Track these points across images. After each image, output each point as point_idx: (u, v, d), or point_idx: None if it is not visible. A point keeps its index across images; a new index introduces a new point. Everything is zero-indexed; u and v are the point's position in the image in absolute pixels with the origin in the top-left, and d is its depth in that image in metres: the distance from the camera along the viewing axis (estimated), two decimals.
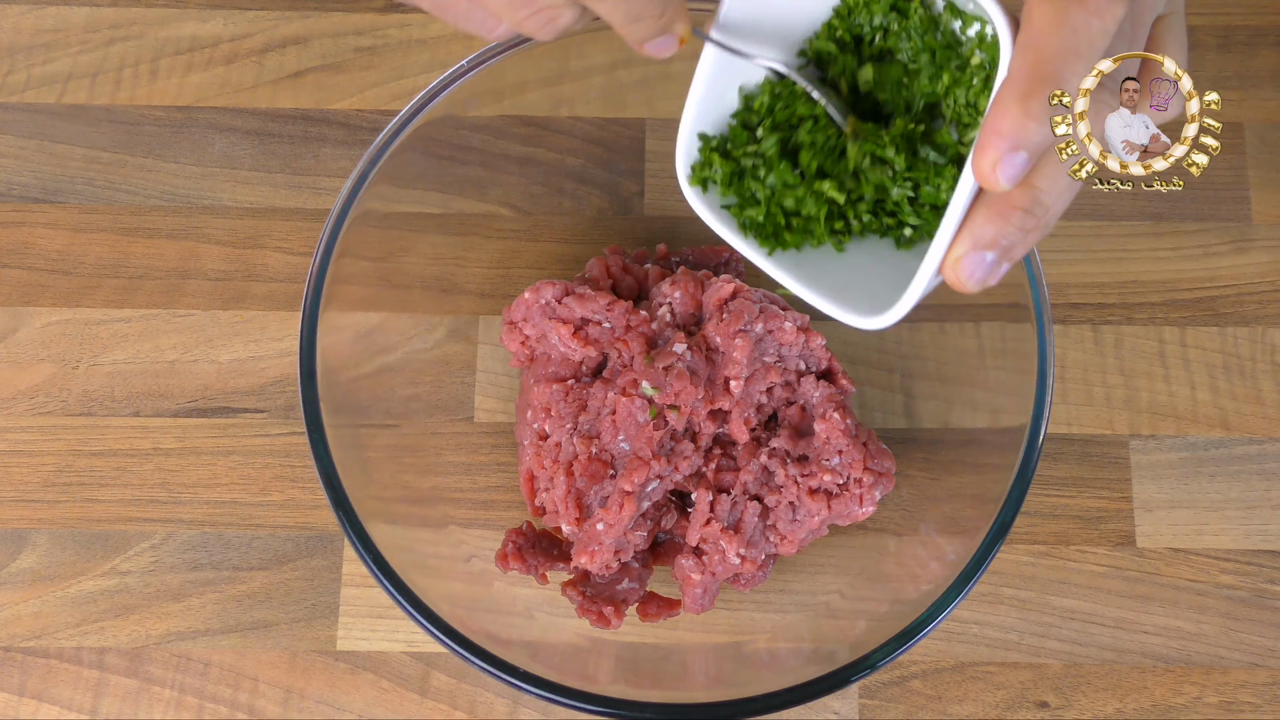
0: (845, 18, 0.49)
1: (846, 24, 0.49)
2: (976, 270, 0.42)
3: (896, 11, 0.48)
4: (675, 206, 0.69)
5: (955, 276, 0.43)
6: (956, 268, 0.42)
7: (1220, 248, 0.70)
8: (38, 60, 0.73)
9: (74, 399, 0.67)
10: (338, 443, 0.56)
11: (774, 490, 0.58)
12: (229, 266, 0.69)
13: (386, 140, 0.59)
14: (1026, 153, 0.39)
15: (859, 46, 0.49)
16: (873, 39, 0.49)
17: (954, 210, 0.42)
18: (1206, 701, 0.63)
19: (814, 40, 0.50)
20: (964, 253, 0.42)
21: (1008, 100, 0.39)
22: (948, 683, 0.63)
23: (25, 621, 0.64)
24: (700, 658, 0.62)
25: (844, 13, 0.49)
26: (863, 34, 0.49)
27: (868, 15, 0.48)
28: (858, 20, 0.49)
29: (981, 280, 0.43)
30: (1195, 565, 0.65)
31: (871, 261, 0.49)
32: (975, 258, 0.42)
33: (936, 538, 0.60)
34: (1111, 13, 0.38)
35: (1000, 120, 0.39)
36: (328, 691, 0.63)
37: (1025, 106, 0.38)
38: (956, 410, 0.64)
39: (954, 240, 0.42)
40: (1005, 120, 0.39)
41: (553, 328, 0.59)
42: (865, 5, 0.48)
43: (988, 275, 0.42)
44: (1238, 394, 0.67)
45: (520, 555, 0.60)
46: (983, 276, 0.42)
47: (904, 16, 0.47)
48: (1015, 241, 0.42)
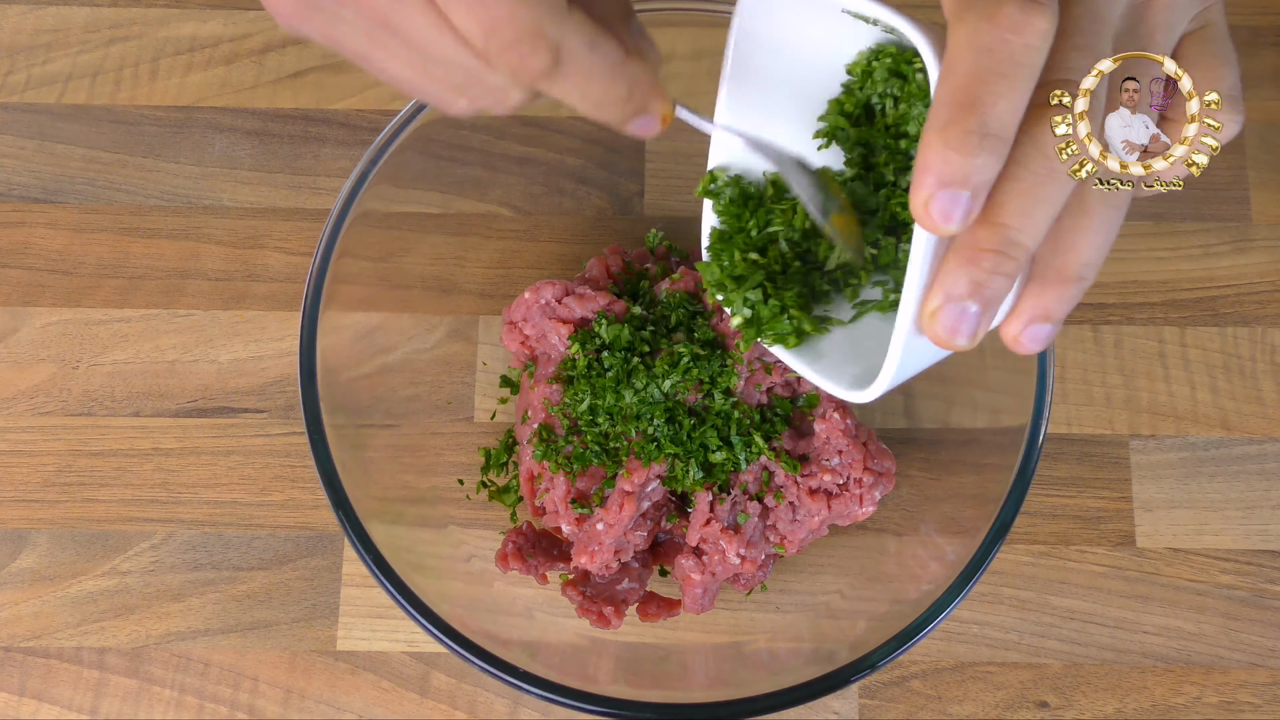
0: (854, 92, 0.47)
1: (855, 98, 0.47)
2: (959, 324, 0.39)
3: (897, 77, 0.46)
4: (675, 206, 0.69)
5: (934, 331, 0.39)
6: (933, 323, 0.39)
7: (1220, 248, 0.70)
8: (38, 60, 0.73)
9: (74, 399, 0.67)
10: (338, 443, 0.56)
11: (774, 490, 0.59)
12: (229, 266, 0.69)
13: (386, 140, 0.59)
14: (958, 187, 0.36)
15: (871, 118, 0.47)
16: (883, 108, 0.47)
17: (915, 263, 0.39)
18: (1206, 701, 0.63)
19: (825, 116, 0.48)
20: (937, 305, 0.39)
21: (928, 133, 0.37)
22: (948, 683, 0.63)
23: (25, 621, 0.64)
24: (700, 658, 0.62)
25: (854, 87, 0.47)
26: (872, 104, 0.47)
27: (872, 85, 0.46)
28: (865, 90, 0.47)
29: (970, 334, 0.39)
30: (1195, 565, 0.65)
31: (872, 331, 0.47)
32: (953, 310, 0.39)
33: (936, 538, 0.60)
34: (1031, 26, 0.36)
35: (923, 155, 0.37)
36: (328, 691, 0.63)
37: (944, 137, 0.36)
38: (956, 410, 0.64)
39: (926, 295, 0.40)
40: (926, 154, 0.36)
41: (553, 328, 0.59)
42: (868, 74, 0.46)
43: (975, 328, 0.39)
44: (1238, 394, 0.67)
45: (520, 555, 0.60)
46: (970, 330, 0.39)
47: (905, 81, 0.45)
48: (993, 288, 0.39)
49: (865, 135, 0.47)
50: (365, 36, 0.39)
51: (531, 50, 0.38)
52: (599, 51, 0.39)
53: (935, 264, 0.39)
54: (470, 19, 0.37)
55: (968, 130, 0.36)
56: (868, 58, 0.46)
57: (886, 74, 0.46)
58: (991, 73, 0.36)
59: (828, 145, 0.48)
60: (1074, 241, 0.40)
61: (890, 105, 0.46)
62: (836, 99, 0.48)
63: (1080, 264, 0.40)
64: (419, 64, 0.40)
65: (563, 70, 0.39)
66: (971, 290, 0.39)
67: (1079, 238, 0.40)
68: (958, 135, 0.36)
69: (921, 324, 0.40)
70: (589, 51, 0.39)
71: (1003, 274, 0.38)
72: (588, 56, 0.39)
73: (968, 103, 0.36)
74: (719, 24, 0.61)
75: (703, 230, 0.51)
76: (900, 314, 0.40)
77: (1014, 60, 0.36)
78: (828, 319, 0.48)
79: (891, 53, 0.46)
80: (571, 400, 0.58)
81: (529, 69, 0.38)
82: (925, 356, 0.43)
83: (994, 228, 0.38)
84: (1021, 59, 0.36)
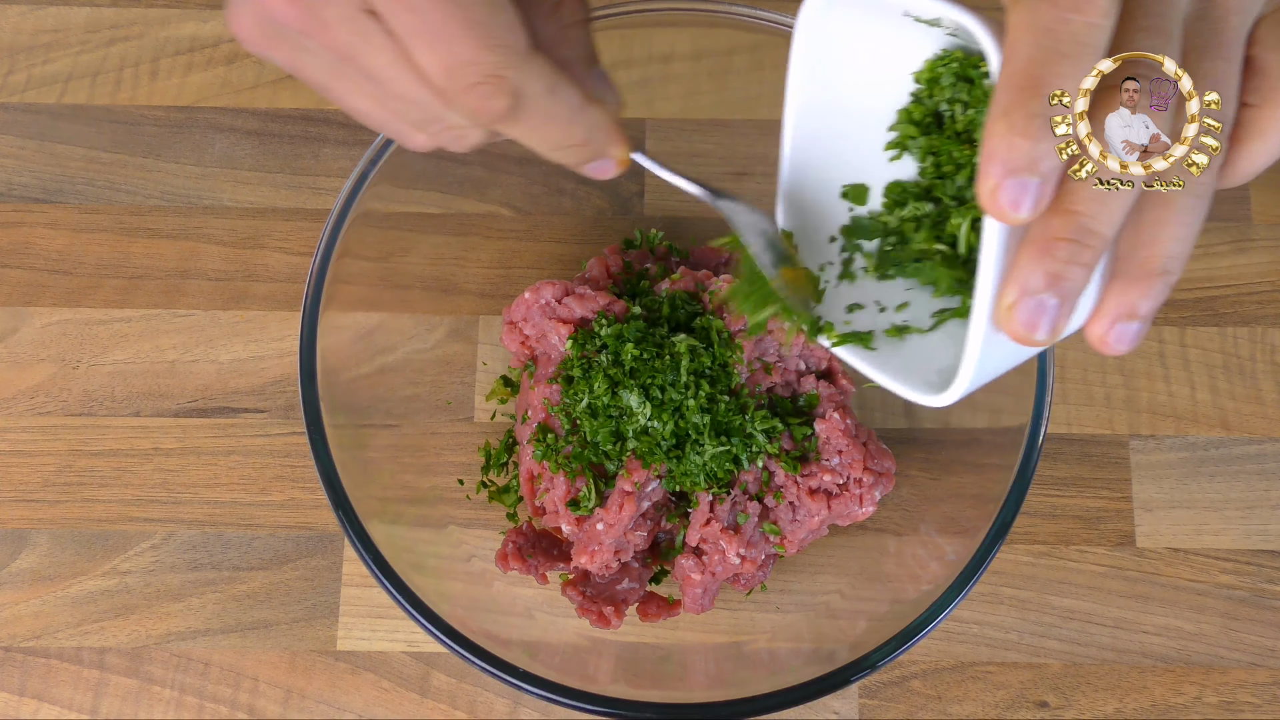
0: (922, 100, 0.46)
1: (923, 106, 0.46)
2: (1037, 318, 0.37)
3: (964, 81, 0.44)
4: (675, 206, 0.69)
5: (1013, 327, 0.38)
6: (1010, 317, 0.38)
7: (1220, 248, 0.70)
8: (38, 60, 0.73)
9: (74, 399, 0.67)
10: (338, 443, 0.56)
11: (774, 490, 0.59)
12: (229, 266, 0.69)
13: (386, 140, 0.59)
14: (1026, 174, 0.35)
15: (940, 126, 0.46)
16: (952, 115, 0.45)
17: (987, 257, 0.38)
18: (1206, 701, 0.63)
19: (895, 126, 0.47)
20: (1014, 300, 0.37)
21: (991, 120, 0.36)
22: (948, 683, 0.63)
23: (25, 621, 0.64)
24: (700, 658, 0.62)
25: (922, 95, 0.46)
26: (941, 111, 0.46)
27: (940, 91, 0.45)
28: (934, 98, 0.46)
29: (1050, 329, 0.38)
30: (1195, 565, 0.65)
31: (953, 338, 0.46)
32: (1030, 304, 0.37)
33: (936, 538, 0.60)
34: (1092, 4, 0.35)
35: (988, 142, 0.36)
36: (328, 691, 0.63)
37: (1009, 123, 0.35)
38: (956, 410, 0.64)
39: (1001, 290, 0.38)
40: (991, 141, 0.35)
41: (553, 328, 0.59)
42: (934, 81, 0.45)
43: (1055, 322, 0.38)
44: (1238, 394, 0.67)
45: (520, 555, 0.60)
46: (1050, 325, 0.37)
47: (972, 85, 0.44)
48: (1071, 279, 0.37)
49: (936, 144, 0.46)
50: (327, 68, 0.40)
51: (492, 93, 0.38)
52: (557, 97, 0.40)
53: (1008, 258, 0.38)
54: (432, 58, 0.37)
55: (1032, 114, 0.35)
56: (934, 65, 0.45)
57: (953, 79, 0.45)
58: (1054, 53, 0.35)
59: (899, 157, 0.48)
60: (1156, 234, 0.39)
61: (960, 111, 0.45)
62: (905, 108, 0.47)
63: (1164, 256, 0.39)
64: (379, 98, 0.40)
65: (521, 114, 0.39)
66: (1048, 282, 0.37)
67: (1161, 230, 0.39)
68: (1022, 119, 0.35)
69: (998, 320, 0.38)
70: (548, 96, 0.39)
71: (1080, 264, 0.37)
72: (546, 101, 0.39)
73: (1030, 85, 0.35)
74: (719, 24, 0.61)
75: None
76: (975, 310, 0.39)
77: (1076, 40, 0.35)
78: (907, 327, 0.47)
79: (958, 57, 0.45)
80: (571, 400, 0.58)
81: (488, 111, 0.39)
82: (1006, 356, 0.42)
83: (1067, 215, 0.37)
84: (1084, 38, 0.35)
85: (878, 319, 0.48)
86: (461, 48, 0.37)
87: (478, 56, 0.37)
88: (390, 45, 0.38)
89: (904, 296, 0.48)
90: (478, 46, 0.37)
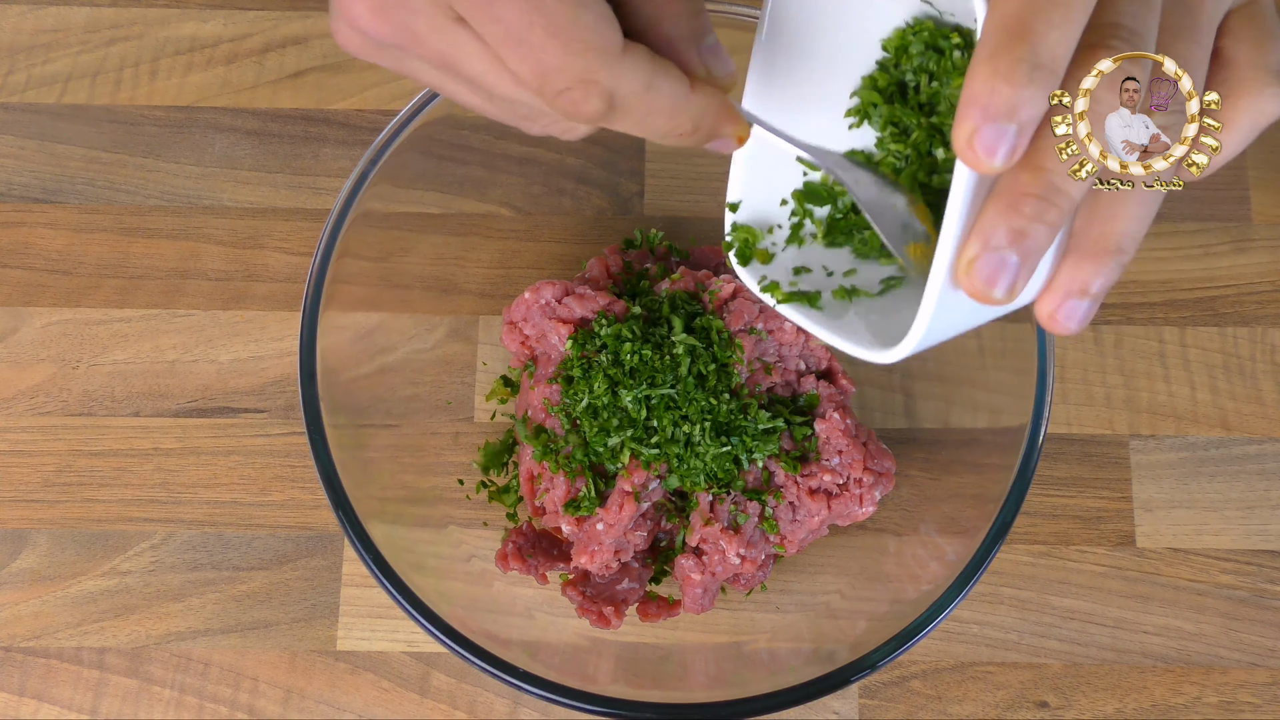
0: (888, 69, 0.46)
1: (889, 75, 0.46)
2: (997, 274, 0.37)
3: (934, 51, 0.44)
4: (675, 206, 0.69)
5: (972, 283, 0.37)
6: (970, 272, 0.37)
7: (1220, 248, 0.70)
8: (38, 60, 0.73)
9: (74, 399, 0.67)
10: (338, 443, 0.56)
11: (774, 490, 0.59)
12: (229, 266, 0.69)
13: (386, 140, 0.59)
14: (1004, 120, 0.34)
15: (905, 96, 0.46)
16: (917, 85, 0.45)
17: (953, 209, 0.37)
18: (1206, 701, 0.63)
19: (858, 92, 0.47)
20: (975, 254, 0.37)
21: (976, 62, 0.35)
22: (948, 683, 0.63)
23: (25, 621, 0.64)
24: (700, 658, 0.62)
25: (888, 64, 0.46)
26: (906, 81, 0.46)
27: (907, 60, 0.45)
28: (901, 67, 0.45)
29: (1008, 287, 0.37)
30: (1195, 565, 0.65)
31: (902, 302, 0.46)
32: (992, 260, 0.37)
33: (936, 538, 0.60)
34: None
35: (970, 86, 0.35)
36: (328, 691, 0.63)
37: (994, 65, 0.34)
38: (956, 410, 0.64)
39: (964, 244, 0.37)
40: (973, 84, 0.34)
41: (553, 328, 0.59)
42: (903, 50, 0.45)
43: (1014, 281, 0.37)
44: (1238, 394, 0.67)
45: (520, 555, 0.60)
46: (1008, 283, 0.37)
47: (941, 55, 0.44)
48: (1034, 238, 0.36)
49: (897, 113, 0.46)
50: (434, 72, 0.40)
51: (583, 98, 0.37)
52: (657, 91, 0.38)
53: (974, 211, 0.37)
54: (522, 66, 0.37)
55: (1018, 59, 0.34)
56: (903, 33, 0.45)
57: (923, 47, 0.44)
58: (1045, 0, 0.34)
59: (859, 124, 0.48)
60: (1114, 212, 0.38)
61: (925, 82, 0.45)
62: (870, 75, 0.47)
63: (1119, 234, 0.38)
64: (489, 99, 0.40)
65: (618, 113, 0.38)
66: (1011, 238, 0.36)
67: (1119, 208, 0.38)
68: (1007, 64, 0.34)
69: (957, 275, 0.38)
70: (645, 93, 0.38)
71: (1045, 223, 0.37)
72: (644, 98, 0.38)
73: (1019, 30, 0.34)
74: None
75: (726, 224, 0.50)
76: (935, 264, 0.38)
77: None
78: (855, 290, 0.47)
79: (928, 27, 0.45)
80: (571, 400, 0.58)
81: (583, 113, 0.38)
82: (960, 317, 0.41)
83: (1037, 172, 0.36)
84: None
85: (825, 282, 0.48)
86: (546, 55, 0.36)
87: (564, 63, 0.36)
88: (484, 52, 0.37)
89: (852, 263, 0.48)
90: (563, 52, 0.36)
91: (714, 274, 0.62)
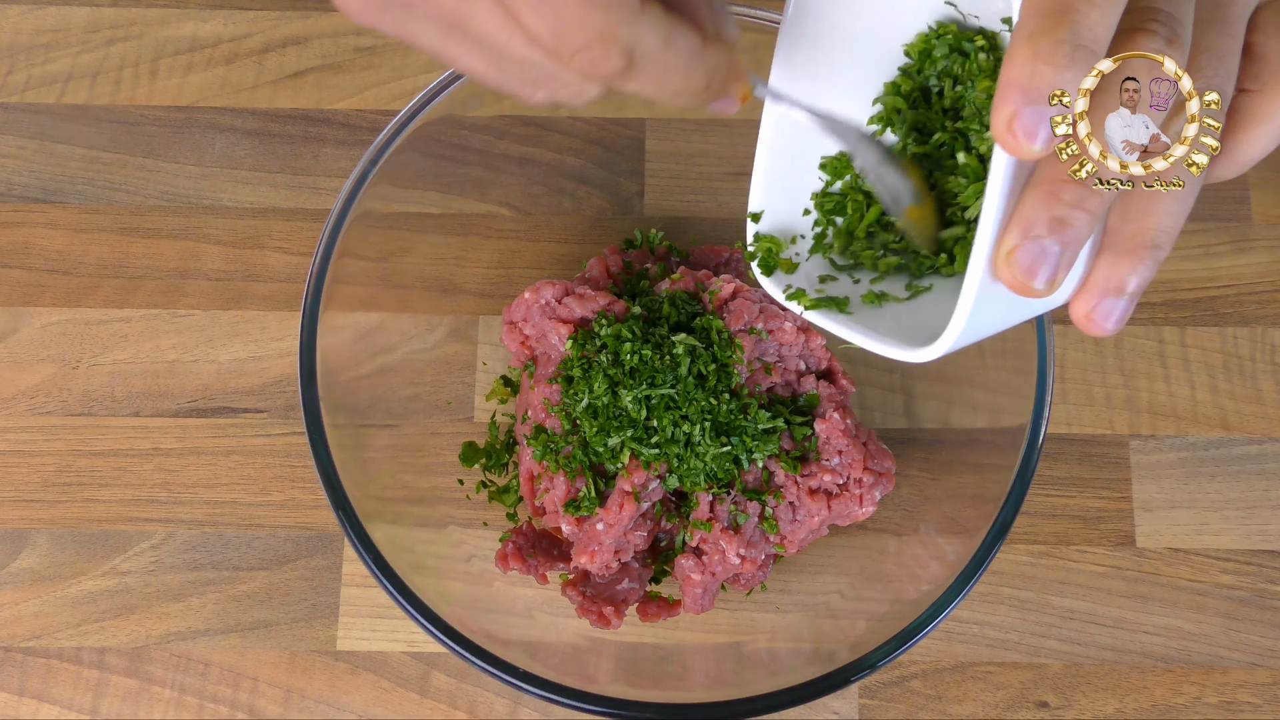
0: (911, 74, 0.46)
1: (912, 81, 0.46)
2: (1038, 264, 0.36)
3: (958, 54, 0.44)
4: (675, 206, 0.69)
5: (1011, 273, 0.36)
6: (1010, 263, 0.36)
7: (1220, 248, 0.70)
8: (38, 60, 0.73)
9: (74, 399, 0.67)
10: (338, 443, 0.56)
11: (774, 490, 0.59)
12: (229, 266, 0.69)
13: (386, 140, 0.59)
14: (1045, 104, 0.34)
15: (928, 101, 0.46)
16: (941, 90, 0.45)
17: (991, 198, 0.36)
18: (1206, 701, 0.63)
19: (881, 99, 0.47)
20: (1016, 244, 0.36)
21: (1015, 44, 0.34)
22: (948, 683, 0.63)
23: (25, 621, 0.64)
24: (700, 658, 0.62)
25: (911, 70, 0.46)
26: (929, 86, 0.45)
27: (931, 64, 0.44)
28: (924, 72, 0.45)
29: (1049, 278, 0.36)
30: (1195, 565, 0.65)
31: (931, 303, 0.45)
32: (1032, 248, 0.36)
33: (936, 538, 0.60)
34: None
35: (1009, 69, 0.34)
36: (328, 691, 0.63)
37: (1034, 47, 0.34)
38: (956, 410, 0.64)
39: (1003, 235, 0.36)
40: (1013, 67, 0.34)
41: (553, 328, 0.59)
42: (926, 54, 0.44)
43: (1055, 271, 0.36)
44: (1238, 394, 0.67)
45: (520, 555, 0.60)
46: (1049, 273, 0.36)
47: (966, 58, 0.43)
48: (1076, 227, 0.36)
49: (922, 118, 0.46)
50: (437, 34, 0.39)
51: (603, 53, 0.37)
52: (674, 47, 0.38)
53: (1012, 201, 0.37)
54: (540, 22, 0.36)
55: (1059, 40, 0.34)
56: (927, 38, 0.45)
57: (947, 50, 0.44)
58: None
59: (881, 132, 0.47)
60: (1149, 206, 0.38)
61: (949, 86, 0.45)
62: (893, 81, 0.46)
63: (1156, 230, 0.38)
64: (492, 60, 0.39)
65: (636, 70, 0.38)
66: (1052, 226, 0.36)
67: (1154, 202, 0.38)
68: (1048, 45, 0.34)
69: (996, 266, 0.37)
70: (664, 49, 0.38)
71: (1086, 211, 0.36)
72: (662, 54, 0.38)
73: (1059, 10, 0.34)
74: None
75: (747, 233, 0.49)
76: (973, 256, 0.37)
77: None
78: (885, 295, 0.47)
79: (952, 30, 0.44)
80: (571, 400, 0.58)
81: (601, 72, 0.37)
82: (997, 313, 0.40)
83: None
84: None
85: (853, 289, 0.48)
86: (568, 10, 0.35)
87: (585, 17, 0.36)
88: (497, 9, 0.37)
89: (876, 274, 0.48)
90: (584, 6, 0.35)
91: (714, 274, 0.62)
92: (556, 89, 0.40)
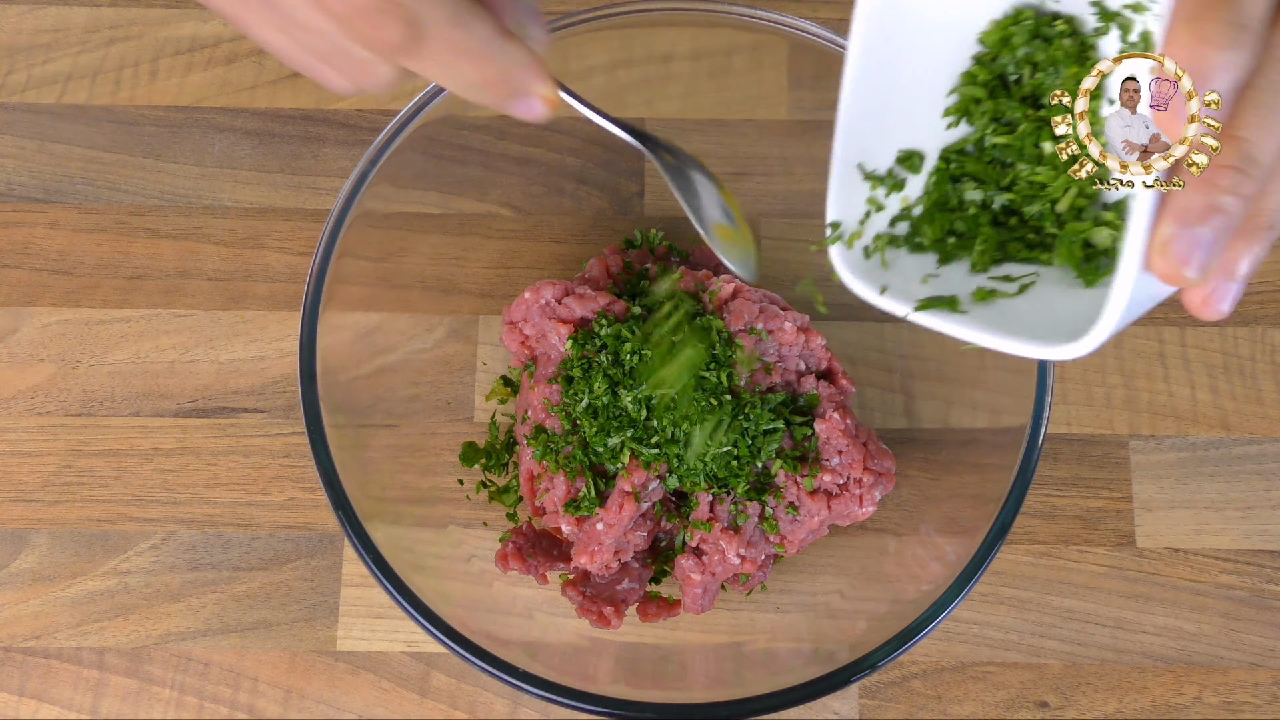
0: (986, 63, 0.45)
1: (988, 69, 0.45)
2: (1192, 252, 0.35)
3: (1040, 39, 0.43)
4: (675, 206, 0.69)
5: (1166, 264, 0.35)
6: (1165, 253, 0.35)
7: None
8: (38, 60, 0.73)
9: (74, 399, 0.67)
10: (338, 443, 0.56)
11: (773, 490, 0.59)
12: (229, 266, 0.69)
13: (386, 140, 0.59)
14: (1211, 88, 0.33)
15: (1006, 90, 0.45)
16: (1019, 78, 0.44)
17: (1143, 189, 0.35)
18: (1206, 701, 0.63)
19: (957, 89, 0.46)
20: (1172, 234, 0.35)
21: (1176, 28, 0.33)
22: (948, 683, 0.63)
23: (25, 621, 0.64)
24: (700, 658, 0.62)
25: (985, 58, 0.45)
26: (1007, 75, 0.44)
27: (1009, 51, 0.43)
28: (1001, 60, 0.44)
29: (1203, 264, 0.35)
30: (1195, 565, 0.65)
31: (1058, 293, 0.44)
32: (1188, 237, 0.34)
33: (936, 538, 0.60)
34: None
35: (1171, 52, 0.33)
36: (328, 691, 0.63)
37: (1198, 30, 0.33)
38: (956, 410, 0.64)
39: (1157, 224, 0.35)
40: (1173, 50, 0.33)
41: (553, 328, 0.59)
42: (1004, 42, 0.43)
43: (1208, 258, 0.35)
44: (1238, 394, 0.67)
45: (520, 555, 0.60)
46: (1203, 259, 0.35)
47: (1048, 44, 0.43)
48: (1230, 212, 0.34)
49: (1001, 108, 0.44)
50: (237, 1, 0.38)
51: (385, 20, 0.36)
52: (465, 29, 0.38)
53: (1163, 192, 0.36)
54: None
55: (1223, 21, 0.33)
56: (1004, 24, 0.44)
57: (1027, 36, 0.43)
58: None
59: (957, 123, 0.46)
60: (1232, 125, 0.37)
61: (1028, 74, 0.44)
62: (968, 71, 0.45)
63: (1271, 210, 0.37)
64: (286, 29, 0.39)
65: (425, 46, 0.37)
66: (1206, 213, 0.35)
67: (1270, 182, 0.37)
68: (1213, 26, 0.33)
69: (1151, 257, 0.36)
70: (452, 26, 0.37)
71: (1240, 195, 0.35)
72: (451, 32, 0.37)
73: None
74: (719, 24, 0.61)
75: None
76: (1127, 247, 0.36)
77: None
78: (995, 291, 0.45)
79: (1030, 16, 0.43)
80: (571, 400, 0.58)
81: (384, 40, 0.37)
82: (1139, 302, 0.39)
83: (1232, 141, 0.34)
84: None
85: (960, 286, 0.46)
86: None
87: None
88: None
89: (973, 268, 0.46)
90: None
91: (714, 274, 0.62)
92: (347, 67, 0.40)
